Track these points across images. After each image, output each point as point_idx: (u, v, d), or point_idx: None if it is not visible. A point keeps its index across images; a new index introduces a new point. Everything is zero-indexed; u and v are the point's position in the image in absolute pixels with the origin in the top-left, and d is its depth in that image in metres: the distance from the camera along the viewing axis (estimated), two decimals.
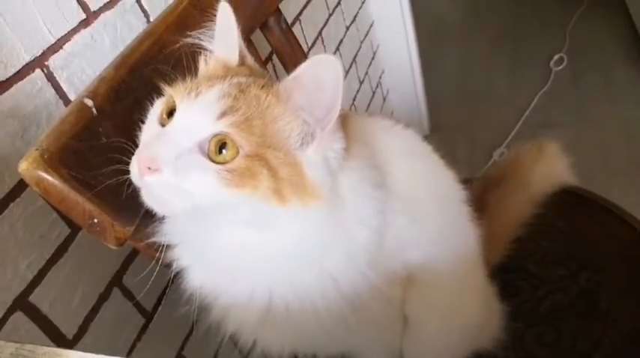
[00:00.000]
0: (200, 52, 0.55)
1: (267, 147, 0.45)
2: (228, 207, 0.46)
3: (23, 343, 0.41)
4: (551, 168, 0.86)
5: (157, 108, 0.51)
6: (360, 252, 0.51)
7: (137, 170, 0.45)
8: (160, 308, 0.81)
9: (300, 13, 1.30)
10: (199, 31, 0.55)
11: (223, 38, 0.54)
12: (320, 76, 0.44)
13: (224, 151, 0.45)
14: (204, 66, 0.54)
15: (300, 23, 1.30)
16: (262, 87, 0.48)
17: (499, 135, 1.94)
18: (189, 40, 0.56)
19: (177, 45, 0.58)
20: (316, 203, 0.46)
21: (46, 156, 0.45)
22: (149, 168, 0.44)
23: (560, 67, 2.19)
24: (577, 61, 2.19)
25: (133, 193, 0.47)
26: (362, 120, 0.61)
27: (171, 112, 0.48)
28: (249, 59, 0.55)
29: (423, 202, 0.59)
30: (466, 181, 0.69)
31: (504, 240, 0.84)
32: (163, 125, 0.48)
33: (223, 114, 0.45)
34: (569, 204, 0.89)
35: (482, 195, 0.84)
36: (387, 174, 0.55)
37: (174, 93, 0.48)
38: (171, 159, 0.44)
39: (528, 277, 0.85)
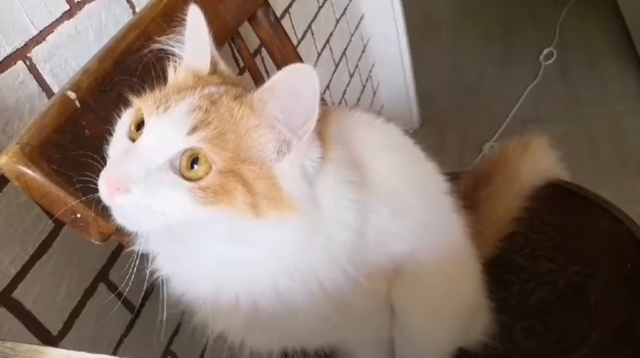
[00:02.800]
0: (169, 59, 0.53)
1: (242, 161, 0.44)
2: (203, 224, 0.44)
3: (4, 340, 0.40)
4: (538, 162, 0.86)
5: (125, 120, 0.49)
6: (342, 252, 0.51)
7: (105, 190, 0.43)
8: (146, 303, 0.80)
9: (290, 6, 1.29)
10: (169, 36, 0.53)
11: (194, 44, 0.51)
12: (296, 86, 0.43)
13: (196, 166, 0.43)
14: (174, 74, 0.52)
15: (290, 16, 1.29)
16: (235, 98, 0.46)
17: (489, 129, 1.94)
18: (157, 45, 0.54)
19: (146, 50, 0.56)
20: (294, 214, 0.45)
21: (27, 150, 0.44)
22: (118, 189, 0.42)
23: (550, 62, 2.20)
24: (566, 55, 2.20)
25: None
26: (342, 114, 0.60)
27: (139, 125, 0.46)
28: (222, 65, 0.54)
29: (404, 195, 0.58)
30: (456, 175, 0.69)
31: (496, 235, 0.84)
32: (132, 139, 0.46)
33: (194, 129, 0.43)
34: (558, 199, 0.89)
35: (472, 191, 0.84)
36: (367, 169, 0.55)
37: (143, 105, 0.46)
38: (141, 178, 0.42)
39: (517, 271, 0.85)
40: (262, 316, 0.52)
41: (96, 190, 0.44)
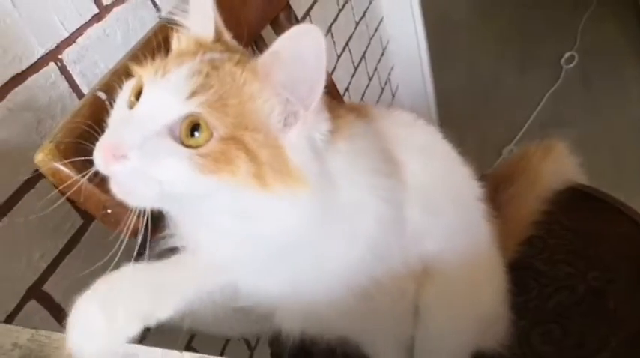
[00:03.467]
0: (175, 30, 0.51)
1: (245, 128, 0.42)
2: (205, 195, 0.43)
3: (38, 329, 0.42)
4: (559, 166, 0.86)
5: (126, 90, 0.47)
6: (364, 242, 0.50)
7: (101, 158, 0.42)
8: None
9: (310, 9, 1.30)
10: (174, 5, 0.51)
11: (198, 12, 0.50)
12: (301, 50, 0.41)
13: (197, 134, 0.41)
14: (177, 43, 0.50)
15: (310, 19, 1.30)
16: (238, 63, 0.44)
17: (508, 133, 1.94)
18: (163, 16, 0.52)
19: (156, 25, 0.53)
20: (302, 188, 0.43)
21: (61, 148, 0.46)
22: (114, 156, 0.41)
23: (571, 66, 2.18)
24: (588, 59, 2.18)
25: None
26: (383, 112, 0.61)
27: (140, 94, 0.44)
28: (227, 35, 0.51)
29: (440, 197, 0.58)
30: (479, 179, 0.69)
31: (516, 239, 0.84)
32: (132, 109, 0.45)
33: (193, 94, 0.41)
34: (577, 203, 0.88)
35: (492, 194, 0.84)
36: (405, 168, 0.55)
37: (143, 73, 0.45)
38: (137, 143, 0.40)
39: (536, 275, 0.85)
40: (284, 298, 0.51)
41: None
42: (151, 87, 0.43)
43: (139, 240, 0.46)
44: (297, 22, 0.88)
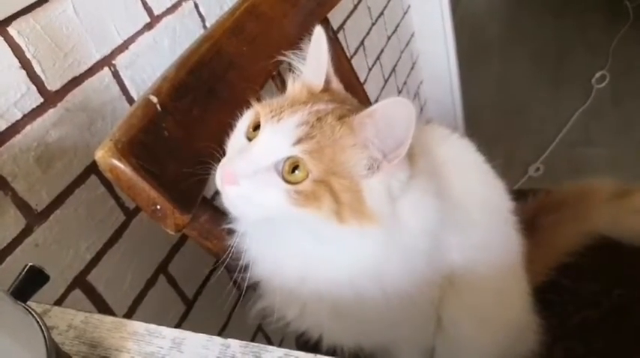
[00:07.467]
0: (290, 70, 0.60)
1: (333, 174, 0.49)
2: (293, 221, 0.51)
3: (92, 313, 0.45)
4: (621, 216, 0.83)
5: (245, 120, 0.56)
6: (421, 258, 0.55)
7: (219, 180, 0.51)
8: (199, 297, 0.85)
9: (345, 22, 1.34)
10: (294, 51, 0.59)
11: (313, 62, 0.57)
12: (393, 115, 0.48)
13: (296, 172, 0.49)
14: (292, 85, 0.59)
15: (344, 31, 1.33)
16: (339, 118, 0.51)
17: (535, 151, 1.93)
18: (284, 58, 0.60)
19: (273, 60, 0.63)
20: (372, 226, 0.50)
21: (119, 146, 0.49)
22: (229, 181, 0.49)
23: (602, 85, 2.17)
24: (619, 79, 2.16)
25: (193, 185, 0.52)
26: (420, 127, 0.63)
27: (257, 126, 0.53)
28: (335, 83, 0.59)
29: (472, 209, 0.61)
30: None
31: (548, 264, 0.84)
32: (249, 138, 0.54)
33: (299, 141, 0.49)
34: None
35: (533, 217, 0.84)
36: (441, 180, 0.58)
37: (261, 111, 0.53)
38: (249, 175, 0.49)
39: (560, 291, 0.85)
40: (340, 309, 0.56)
41: (176, 188, 0.50)
42: (267, 128, 0.51)
43: None
44: (334, 34, 0.91)
